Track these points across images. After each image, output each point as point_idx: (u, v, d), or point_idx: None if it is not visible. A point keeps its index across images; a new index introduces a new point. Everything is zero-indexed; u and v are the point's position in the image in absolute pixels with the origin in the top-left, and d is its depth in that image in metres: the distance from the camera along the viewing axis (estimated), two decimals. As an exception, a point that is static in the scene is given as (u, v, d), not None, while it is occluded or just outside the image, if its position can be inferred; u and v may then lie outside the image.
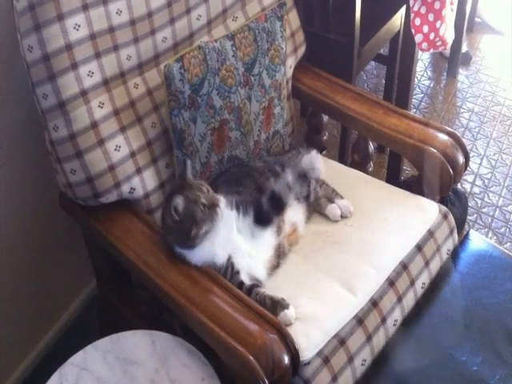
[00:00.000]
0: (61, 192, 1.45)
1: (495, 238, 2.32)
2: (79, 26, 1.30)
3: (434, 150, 1.57)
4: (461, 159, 1.59)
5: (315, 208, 1.57)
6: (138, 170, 1.43)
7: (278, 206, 1.40)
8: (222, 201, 1.33)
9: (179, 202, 1.26)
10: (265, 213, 1.38)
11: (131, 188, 1.41)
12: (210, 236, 1.30)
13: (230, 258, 1.33)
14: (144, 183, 1.44)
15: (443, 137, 1.61)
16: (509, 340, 1.39)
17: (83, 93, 1.32)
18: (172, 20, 1.48)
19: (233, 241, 1.35)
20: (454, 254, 1.58)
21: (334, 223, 1.54)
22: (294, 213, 1.52)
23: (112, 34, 1.37)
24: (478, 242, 1.62)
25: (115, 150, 1.37)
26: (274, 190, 1.39)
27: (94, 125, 1.34)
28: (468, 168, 2.55)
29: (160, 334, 1.27)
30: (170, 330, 1.32)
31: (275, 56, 1.59)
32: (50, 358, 1.49)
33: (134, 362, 1.22)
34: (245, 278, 1.33)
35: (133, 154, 1.41)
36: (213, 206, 1.30)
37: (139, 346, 1.25)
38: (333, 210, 1.55)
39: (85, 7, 1.30)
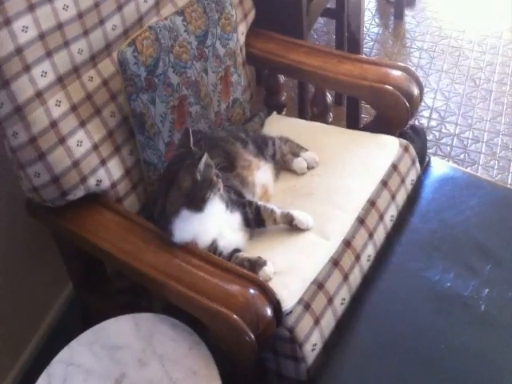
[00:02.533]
0: (26, 200, 1.35)
1: (456, 165, 2.22)
2: (27, 27, 1.18)
3: (389, 87, 1.49)
4: (415, 91, 1.51)
5: (282, 166, 1.48)
6: (103, 162, 1.33)
7: (259, 219, 1.29)
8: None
9: (204, 163, 1.19)
10: (249, 221, 1.30)
11: (97, 180, 1.31)
12: (209, 207, 1.21)
13: (214, 242, 1.24)
14: (110, 173, 1.34)
15: (396, 73, 1.53)
16: (478, 252, 1.33)
17: (38, 94, 1.22)
18: (119, 6, 1.37)
19: (220, 227, 1.25)
20: (418, 183, 1.49)
21: (301, 177, 1.45)
22: (263, 174, 1.43)
23: (61, 30, 1.26)
24: (439, 167, 1.54)
25: (77, 145, 1.28)
26: (259, 207, 1.29)
27: (54, 124, 1.24)
28: (423, 103, 2.48)
29: (142, 315, 1.19)
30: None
31: (226, 24, 1.49)
32: (38, 363, 1.35)
33: (120, 347, 1.14)
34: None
35: (95, 147, 1.31)
36: (217, 177, 1.22)
37: (123, 331, 1.17)
38: (299, 163, 1.46)
39: (31, 8, 1.19)
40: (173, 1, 1.51)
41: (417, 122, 2.41)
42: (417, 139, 2.13)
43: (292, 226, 1.28)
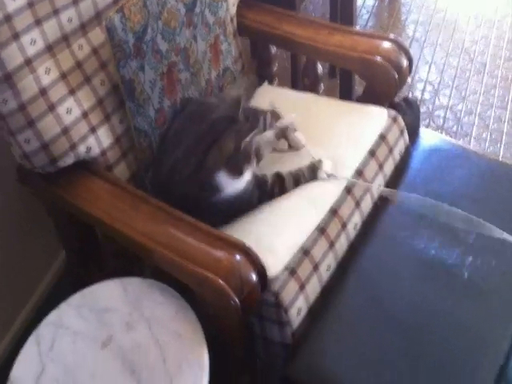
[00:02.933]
0: (18, 167, 1.36)
1: (446, 136, 2.23)
2: None
3: (379, 58, 1.49)
4: (404, 62, 1.52)
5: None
6: (92, 129, 1.33)
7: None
8: None
9: (251, 137, 1.23)
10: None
11: (87, 147, 1.32)
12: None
13: None
14: (99, 141, 1.34)
15: (386, 44, 1.53)
16: (463, 221, 1.32)
17: (28, 62, 1.21)
18: None
19: None
20: (407, 154, 1.50)
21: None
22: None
23: None
24: (428, 138, 1.54)
25: (67, 112, 1.27)
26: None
27: (43, 92, 1.24)
28: (417, 76, 2.47)
29: (131, 280, 1.21)
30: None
31: (216, -8, 1.48)
32: (29, 332, 1.37)
33: (108, 310, 1.15)
34: None
35: (85, 115, 1.31)
36: (254, 154, 1.28)
37: (112, 295, 1.18)
38: (281, 144, 1.46)
39: None
40: (165, -30, 1.50)
41: (410, 95, 2.41)
42: (409, 111, 2.13)
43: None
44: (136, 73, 1.32)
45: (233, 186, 1.24)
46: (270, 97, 1.61)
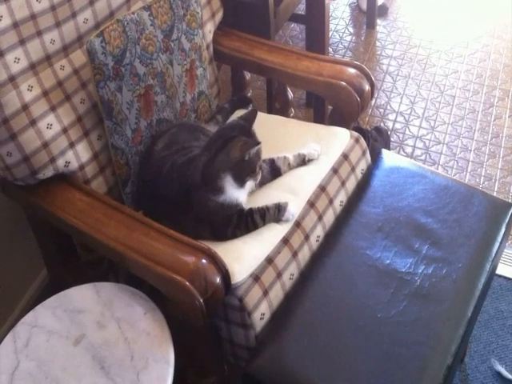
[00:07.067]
0: (1, 179, 1.45)
1: (404, 156, 2.35)
2: (1, 16, 1.28)
3: (343, 83, 1.61)
4: (366, 87, 1.64)
5: None
6: (71, 144, 1.43)
7: (275, 169, 1.52)
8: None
9: (256, 151, 1.32)
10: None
11: (66, 162, 1.42)
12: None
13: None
14: (78, 156, 1.45)
15: (350, 70, 1.66)
16: (417, 233, 1.44)
17: (11, 78, 1.32)
18: (91, 2, 1.47)
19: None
20: (368, 172, 1.61)
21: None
22: None
23: (34, 20, 1.35)
24: (389, 158, 1.65)
25: (47, 128, 1.38)
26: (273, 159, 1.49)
27: (25, 107, 1.34)
28: (389, 107, 2.62)
29: (103, 284, 1.30)
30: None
31: (192, 21, 1.61)
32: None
33: (81, 311, 1.25)
34: None
35: (65, 130, 1.42)
36: (260, 169, 1.37)
37: (85, 297, 1.28)
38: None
39: None
40: (144, -1, 1.63)
41: (382, 124, 2.54)
42: (380, 139, 2.28)
43: (306, 163, 1.50)
44: (114, 94, 1.44)
45: (233, 193, 1.34)
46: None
